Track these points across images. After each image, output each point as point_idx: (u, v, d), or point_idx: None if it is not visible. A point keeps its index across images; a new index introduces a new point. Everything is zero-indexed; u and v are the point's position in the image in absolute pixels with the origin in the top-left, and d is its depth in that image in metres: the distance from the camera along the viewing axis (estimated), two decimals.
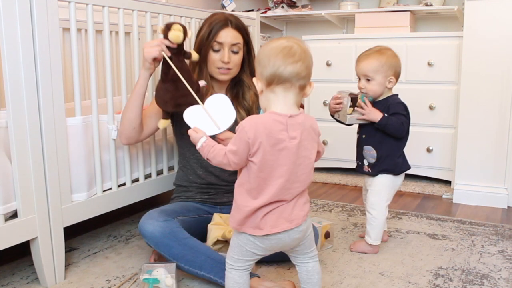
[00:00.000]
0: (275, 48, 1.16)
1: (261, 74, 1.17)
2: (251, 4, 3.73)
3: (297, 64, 1.14)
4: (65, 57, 2.23)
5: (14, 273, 1.67)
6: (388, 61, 1.72)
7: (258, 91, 1.21)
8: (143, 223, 1.58)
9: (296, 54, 1.14)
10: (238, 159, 1.16)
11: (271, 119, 1.16)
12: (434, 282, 1.60)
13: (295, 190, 1.20)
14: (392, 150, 1.77)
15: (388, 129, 1.72)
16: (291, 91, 1.17)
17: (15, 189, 1.43)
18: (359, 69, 1.75)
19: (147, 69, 1.62)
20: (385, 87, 1.74)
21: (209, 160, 1.24)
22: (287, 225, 1.19)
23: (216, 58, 1.74)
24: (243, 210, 1.18)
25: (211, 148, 1.22)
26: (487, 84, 2.39)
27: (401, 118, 1.72)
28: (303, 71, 1.15)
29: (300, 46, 1.16)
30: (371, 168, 1.80)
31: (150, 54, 1.57)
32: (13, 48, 1.38)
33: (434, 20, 3.21)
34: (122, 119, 1.69)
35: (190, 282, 1.58)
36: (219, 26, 1.73)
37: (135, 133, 1.69)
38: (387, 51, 1.74)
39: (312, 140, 1.22)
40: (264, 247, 1.21)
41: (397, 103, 1.75)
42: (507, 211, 2.36)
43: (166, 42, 1.57)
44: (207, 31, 1.73)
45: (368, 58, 1.73)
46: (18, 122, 1.41)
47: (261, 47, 1.21)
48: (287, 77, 1.14)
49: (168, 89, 1.59)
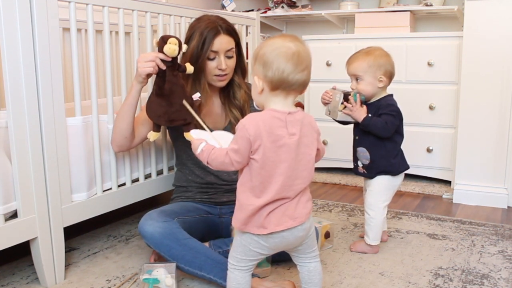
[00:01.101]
0: (284, 53, 1.15)
1: (265, 76, 1.16)
2: (251, 4, 3.73)
3: (305, 73, 1.17)
4: (65, 57, 2.23)
5: (14, 273, 1.67)
6: (376, 61, 1.73)
7: (257, 89, 1.19)
8: (142, 224, 1.58)
9: (304, 62, 1.16)
10: (240, 157, 1.16)
11: (271, 116, 1.17)
12: (434, 282, 1.60)
13: (297, 187, 1.20)
14: (386, 151, 1.77)
15: (371, 129, 1.73)
16: (292, 94, 1.19)
17: (15, 189, 1.43)
18: (349, 70, 1.79)
19: (139, 82, 1.61)
20: (376, 87, 1.75)
21: (209, 164, 1.22)
22: (290, 222, 1.19)
23: (212, 66, 1.71)
24: (247, 209, 1.18)
25: (211, 151, 1.22)
26: (487, 84, 2.40)
27: (387, 118, 1.73)
28: (308, 79, 1.19)
29: (305, 51, 1.17)
30: (366, 170, 1.81)
31: (144, 70, 1.56)
32: (13, 48, 1.38)
33: (434, 20, 3.21)
34: (114, 128, 1.69)
35: (190, 282, 1.58)
36: (212, 35, 1.68)
37: (126, 142, 1.69)
38: (375, 51, 1.75)
39: (311, 137, 1.22)
40: (268, 246, 1.21)
41: (387, 104, 1.75)
42: (507, 211, 2.36)
43: (161, 56, 1.57)
44: (199, 41, 1.68)
45: (356, 60, 1.76)
46: (18, 122, 1.41)
47: (263, 45, 1.18)
48: (294, 84, 1.16)
49: (161, 103, 1.60)
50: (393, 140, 1.78)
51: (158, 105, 1.60)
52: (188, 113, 1.52)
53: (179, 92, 1.59)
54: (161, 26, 1.93)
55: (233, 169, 1.20)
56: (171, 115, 1.60)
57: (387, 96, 1.79)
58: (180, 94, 1.59)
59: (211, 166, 1.22)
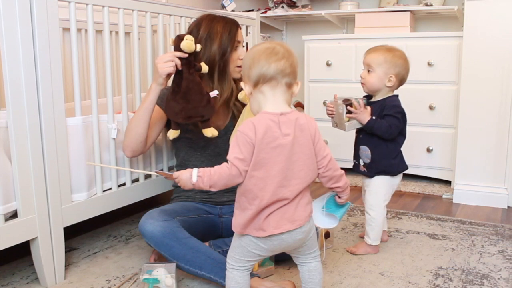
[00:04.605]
0: (257, 50, 1.20)
1: (248, 77, 1.20)
2: (251, 4, 3.73)
3: (281, 62, 1.17)
4: (65, 57, 2.23)
5: (14, 273, 1.67)
6: (393, 59, 1.73)
7: (247, 94, 1.23)
8: (143, 222, 1.58)
9: (279, 53, 1.18)
10: (246, 165, 1.15)
11: (263, 118, 1.17)
12: (434, 282, 1.60)
13: (295, 188, 1.19)
14: (388, 151, 1.77)
15: (374, 132, 1.74)
16: (278, 88, 1.19)
17: (15, 189, 1.43)
18: (365, 59, 1.79)
19: (159, 84, 1.61)
20: (384, 84, 1.75)
21: (212, 188, 1.18)
22: (289, 225, 1.18)
23: (236, 57, 1.76)
24: (246, 213, 1.18)
25: (209, 172, 1.17)
26: (487, 84, 2.40)
27: (391, 120, 1.73)
28: (287, 68, 1.18)
29: (282, 47, 1.20)
30: (366, 168, 1.81)
31: (165, 70, 1.57)
32: (13, 48, 1.38)
33: (434, 20, 3.21)
34: (128, 133, 1.67)
35: (190, 282, 1.58)
36: (235, 26, 1.76)
37: (141, 146, 1.69)
38: (397, 51, 1.76)
39: (308, 137, 1.21)
40: (267, 248, 1.21)
41: (392, 105, 1.75)
42: (507, 211, 2.36)
43: (178, 54, 1.58)
44: (224, 33, 1.72)
45: (375, 51, 1.77)
46: (18, 122, 1.41)
47: (246, 53, 1.24)
48: (272, 74, 1.17)
49: (178, 101, 1.61)
50: (395, 141, 1.78)
51: (176, 103, 1.61)
52: (207, 108, 1.56)
53: (196, 89, 1.60)
54: (161, 26, 1.93)
55: (241, 181, 1.17)
56: (188, 112, 1.61)
57: (392, 96, 1.79)
58: (197, 91, 1.60)
59: (215, 188, 1.18)
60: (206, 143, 1.79)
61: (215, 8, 3.51)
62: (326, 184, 1.28)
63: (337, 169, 1.27)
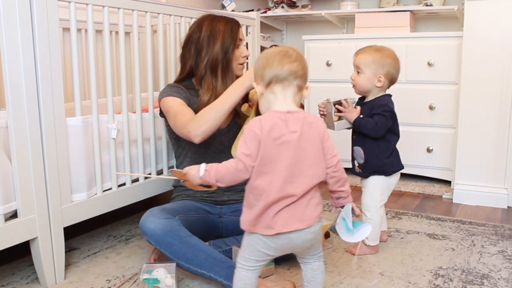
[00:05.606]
0: (271, 52, 1.23)
1: (261, 76, 1.22)
2: (251, 4, 3.73)
3: (294, 64, 1.20)
4: (65, 57, 2.23)
5: (14, 273, 1.67)
6: (381, 60, 1.73)
7: (258, 94, 1.25)
8: (144, 220, 1.58)
9: (293, 56, 1.22)
10: (253, 161, 1.16)
11: (270, 116, 1.19)
12: (434, 282, 1.60)
13: (303, 185, 1.19)
14: (380, 150, 1.77)
15: (362, 129, 1.74)
16: (289, 89, 1.21)
17: (15, 189, 1.43)
18: (354, 60, 1.80)
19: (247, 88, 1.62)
20: (374, 85, 1.75)
21: (219, 182, 1.20)
22: (298, 224, 1.19)
23: (238, 54, 1.79)
24: (253, 210, 1.18)
25: (217, 167, 1.19)
26: (487, 84, 2.40)
27: (378, 119, 1.73)
28: (299, 70, 1.20)
29: (295, 51, 1.24)
30: (361, 169, 1.81)
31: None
32: (13, 48, 1.38)
33: (434, 20, 3.21)
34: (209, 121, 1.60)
35: (190, 282, 1.58)
36: (236, 24, 1.80)
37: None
38: (385, 51, 1.76)
39: (316, 135, 1.22)
40: (275, 247, 1.21)
41: (380, 104, 1.75)
42: (507, 211, 2.37)
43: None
44: (226, 31, 1.75)
45: (363, 52, 1.77)
46: (18, 122, 1.41)
47: (258, 56, 1.27)
48: (285, 75, 1.19)
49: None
50: (386, 140, 1.78)
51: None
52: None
53: None
54: (161, 26, 1.93)
55: (247, 177, 1.18)
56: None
57: (382, 96, 1.79)
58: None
59: (222, 183, 1.20)
60: (210, 140, 1.79)
61: (215, 8, 3.51)
62: (333, 186, 1.28)
63: (344, 172, 1.28)
